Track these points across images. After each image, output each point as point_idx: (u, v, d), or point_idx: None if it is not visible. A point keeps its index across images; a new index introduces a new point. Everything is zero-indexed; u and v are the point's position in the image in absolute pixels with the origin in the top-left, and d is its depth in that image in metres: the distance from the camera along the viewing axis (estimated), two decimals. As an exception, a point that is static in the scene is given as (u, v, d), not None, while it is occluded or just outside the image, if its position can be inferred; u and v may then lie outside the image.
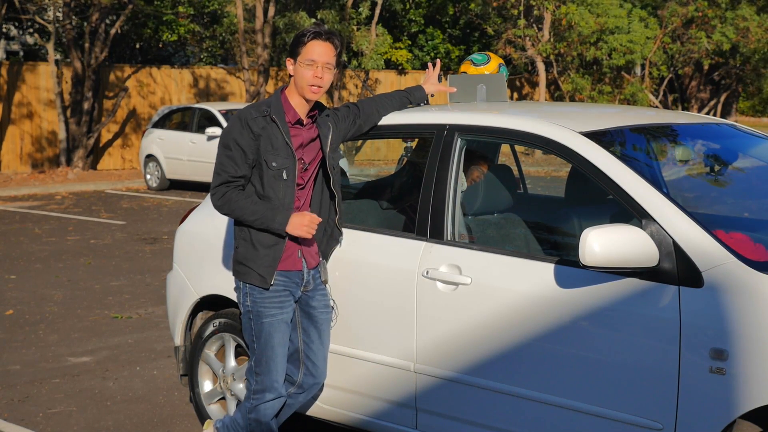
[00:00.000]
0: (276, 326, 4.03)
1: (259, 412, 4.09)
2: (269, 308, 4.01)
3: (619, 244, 3.36)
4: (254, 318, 4.03)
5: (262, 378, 4.06)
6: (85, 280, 9.19)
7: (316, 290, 4.15)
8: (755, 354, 3.20)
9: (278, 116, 3.92)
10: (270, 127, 3.91)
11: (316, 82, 3.90)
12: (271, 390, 4.06)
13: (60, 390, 5.83)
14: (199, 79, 23.73)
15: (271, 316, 4.02)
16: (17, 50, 29.49)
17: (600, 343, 3.55)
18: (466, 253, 3.97)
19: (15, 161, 21.06)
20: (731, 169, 4.82)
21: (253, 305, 4.02)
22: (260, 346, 4.04)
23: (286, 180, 3.93)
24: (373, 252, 4.23)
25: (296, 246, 4.05)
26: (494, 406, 3.86)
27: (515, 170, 5.02)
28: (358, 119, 4.28)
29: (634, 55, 23.90)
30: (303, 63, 3.90)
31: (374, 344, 4.19)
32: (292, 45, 3.96)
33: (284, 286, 4.03)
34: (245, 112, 3.94)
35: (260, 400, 4.08)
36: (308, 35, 3.91)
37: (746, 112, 38.11)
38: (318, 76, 3.90)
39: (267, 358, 4.04)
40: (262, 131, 3.90)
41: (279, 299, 4.02)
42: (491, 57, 5.04)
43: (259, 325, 4.03)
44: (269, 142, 3.90)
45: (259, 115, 3.92)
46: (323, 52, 3.91)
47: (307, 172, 4.04)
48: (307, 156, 4.02)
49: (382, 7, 24.99)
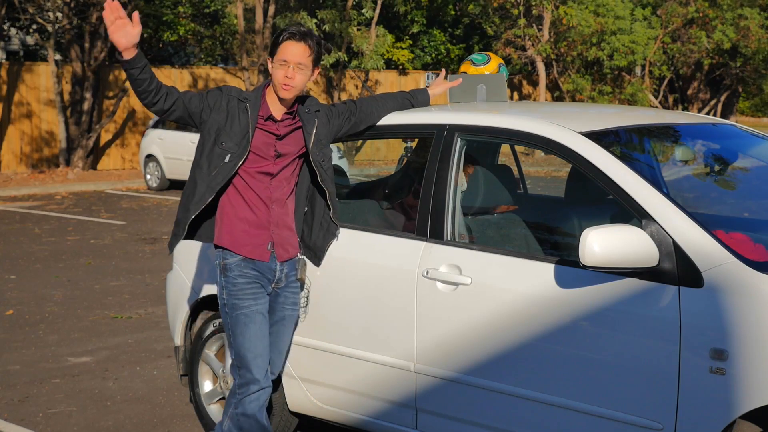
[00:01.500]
0: (251, 317, 4.03)
1: (244, 406, 4.06)
2: (243, 300, 4.03)
3: (619, 245, 3.36)
4: (229, 311, 4.04)
5: (244, 371, 4.05)
6: (85, 280, 9.19)
7: (287, 287, 4.16)
8: (755, 354, 3.20)
9: (252, 109, 4.01)
10: (241, 112, 3.99)
11: (286, 82, 3.96)
12: (254, 382, 4.04)
13: (60, 390, 5.83)
14: (199, 79, 23.74)
15: (245, 308, 4.03)
16: (17, 50, 29.49)
17: (600, 343, 3.55)
18: (466, 253, 3.97)
19: (15, 161, 21.06)
20: (731, 169, 4.82)
21: (228, 297, 4.04)
22: (237, 339, 4.04)
23: (226, 163, 3.97)
24: (373, 252, 4.23)
25: (267, 237, 4.05)
26: (494, 406, 3.86)
27: (515, 170, 5.02)
28: (354, 117, 4.30)
29: (636, 55, 23.91)
30: (276, 62, 3.97)
31: (374, 344, 4.19)
32: (271, 44, 4.05)
33: (255, 278, 4.04)
34: (228, 88, 4.07)
35: (244, 394, 4.06)
36: (283, 36, 3.99)
37: (746, 112, 38.12)
38: (288, 76, 3.96)
39: (245, 351, 4.03)
40: (231, 109, 3.99)
41: (252, 290, 4.04)
42: (491, 57, 5.04)
43: (234, 318, 4.03)
44: (231, 122, 3.98)
45: (237, 98, 4.02)
46: (296, 53, 3.96)
47: (280, 161, 4.05)
48: (284, 147, 4.05)
49: (384, 8, 24.98)
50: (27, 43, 27.85)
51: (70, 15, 20.56)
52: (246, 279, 4.03)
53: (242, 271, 4.02)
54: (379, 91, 25.57)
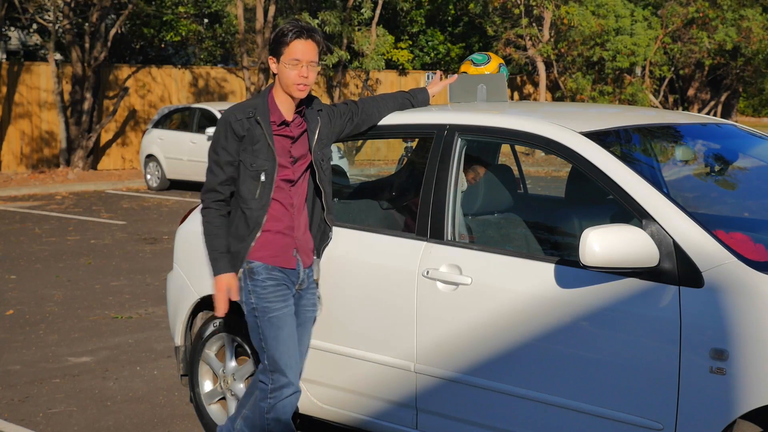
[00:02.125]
0: (283, 320, 3.99)
1: (278, 411, 4.02)
2: (274, 302, 3.97)
3: (619, 245, 3.35)
4: (260, 314, 3.97)
5: (278, 375, 3.99)
6: (85, 280, 9.19)
7: (308, 289, 4.15)
8: (755, 354, 3.20)
9: (263, 118, 3.93)
10: (254, 128, 3.92)
11: (301, 81, 3.91)
12: (289, 385, 4.01)
13: (60, 390, 5.83)
14: (200, 79, 23.73)
15: (277, 311, 3.98)
16: (17, 50, 29.48)
17: (600, 343, 3.55)
18: (467, 253, 3.96)
19: (15, 161, 21.07)
20: (731, 169, 4.82)
21: (258, 301, 3.97)
22: (271, 343, 3.97)
23: (264, 181, 3.93)
24: (373, 252, 4.22)
25: (292, 244, 4.04)
26: (494, 406, 3.85)
27: (515, 170, 5.02)
28: (356, 117, 4.27)
29: (638, 57, 23.92)
30: (287, 63, 3.90)
31: (374, 344, 4.19)
32: (273, 43, 3.94)
33: (282, 280, 4.01)
34: (230, 113, 3.95)
35: (278, 398, 4.00)
36: (290, 34, 3.89)
37: (746, 112, 38.11)
38: (303, 75, 3.91)
39: (279, 354, 3.98)
40: (246, 132, 3.91)
41: (281, 293, 3.99)
42: (491, 57, 5.04)
43: (266, 321, 3.97)
44: (250, 143, 3.92)
45: (243, 116, 3.92)
46: (307, 51, 3.91)
47: (298, 166, 4.03)
48: (296, 150, 4.02)
49: (384, 8, 24.98)
50: (27, 43, 27.85)
51: (71, 15, 20.56)
52: (274, 281, 3.98)
53: (270, 274, 3.97)
54: (379, 91, 25.57)
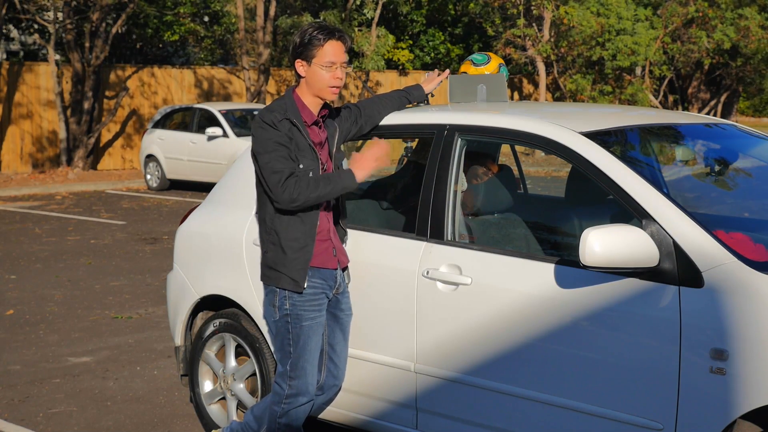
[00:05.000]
0: (314, 329, 3.96)
1: (290, 417, 4.02)
2: (309, 311, 3.94)
3: (619, 245, 3.35)
4: (293, 321, 3.93)
5: (297, 382, 3.98)
6: (85, 280, 9.19)
7: (344, 293, 4.11)
8: (755, 354, 3.20)
9: (297, 118, 3.87)
10: (293, 130, 3.85)
11: (336, 83, 3.88)
12: (305, 393, 4.00)
13: (60, 390, 5.83)
14: (200, 79, 23.73)
15: (310, 320, 3.94)
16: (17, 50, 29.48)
17: (600, 343, 3.55)
18: (467, 253, 3.96)
19: (15, 161, 21.07)
20: (731, 169, 4.82)
21: (293, 308, 3.92)
22: (298, 350, 3.95)
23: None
24: (373, 252, 4.22)
25: (330, 244, 4.00)
26: (494, 406, 3.85)
27: (515, 170, 5.02)
28: (360, 119, 4.26)
29: (638, 56, 23.91)
30: (321, 65, 3.84)
31: (374, 344, 4.19)
32: (302, 46, 3.86)
33: (321, 288, 3.96)
34: (269, 116, 3.83)
35: (293, 405, 4.00)
36: (323, 36, 3.84)
37: (746, 113, 38.11)
38: (338, 77, 3.88)
39: (304, 362, 3.96)
40: (289, 132, 3.84)
41: (318, 302, 3.96)
42: (491, 57, 5.04)
43: (298, 329, 3.93)
44: (296, 144, 3.84)
45: (282, 118, 3.84)
46: (340, 52, 3.88)
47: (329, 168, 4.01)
48: (323, 156, 3.99)
49: (384, 8, 24.98)
50: (27, 43, 27.86)
51: (71, 14, 20.56)
52: (314, 289, 3.94)
53: (310, 281, 3.93)
54: (379, 91, 25.57)
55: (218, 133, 16.72)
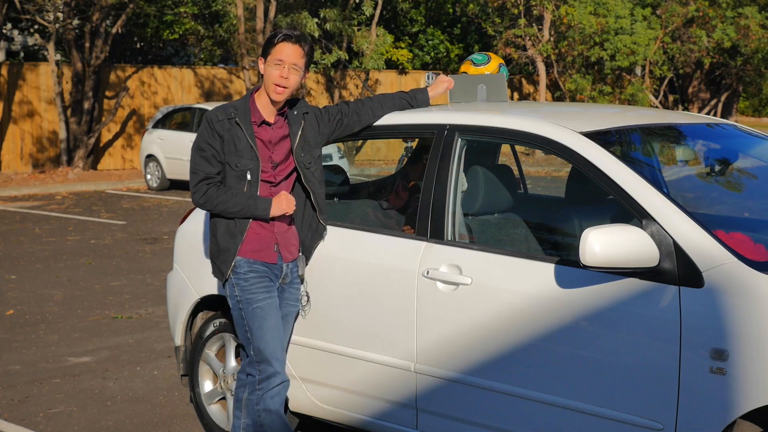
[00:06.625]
0: (267, 310, 4.06)
1: (266, 402, 4.06)
2: (258, 293, 4.06)
3: (619, 245, 3.35)
4: (245, 306, 4.06)
5: (264, 365, 4.05)
6: (85, 280, 9.19)
7: (291, 283, 4.22)
8: (755, 354, 3.20)
9: (243, 118, 4.03)
10: (234, 129, 4.02)
11: (281, 82, 4.00)
12: (275, 375, 4.05)
13: (60, 390, 5.83)
14: (201, 79, 23.73)
15: (260, 301, 4.06)
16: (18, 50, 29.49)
17: (600, 344, 3.55)
18: (467, 253, 3.97)
19: (15, 161, 21.07)
20: (731, 169, 4.82)
21: (242, 293, 4.06)
22: (256, 334, 4.05)
23: (250, 180, 4.03)
24: (373, 252, 4.23)
25: (272, 239, 4.11)
26: (495, 406, 3.85)
27: (515, 170, 5.02)
28: (346, 118, 4.30)
29: (637, 56, 23.91)
30: (271, 62, 4.01)
31: (375, 344, 4.19)
32: (264, 45, 4.08)
33: (264, 273, 4.09)
34: (212, 114, 4.07)
35: (266, 388, 4.06)
36: (279, 36, 4.03)
37: (746, 112, 38.11)
38: (284, 76, 4.00)
39: (264, 344, 4.04)
40: (226, 133, 4.02)
41: (264, 284, 4.08)
42: (491, 57, 5.04)
43: (250, 312, 4.05)
44: (233, 144, 4.01)
45: (225, 117, 4.03)
46: (291, 53, 4.02)
47: (280, 170, 4.11)
48: (277, 155, 4.09)
49: (383, 7, 24.98)
50: (28, 43, 27.86)
51: (71, 15, 20.56)
52: (256, 273, 4.07)
53: (251, 267, 4.07)
54: (379, 91, 25.56)
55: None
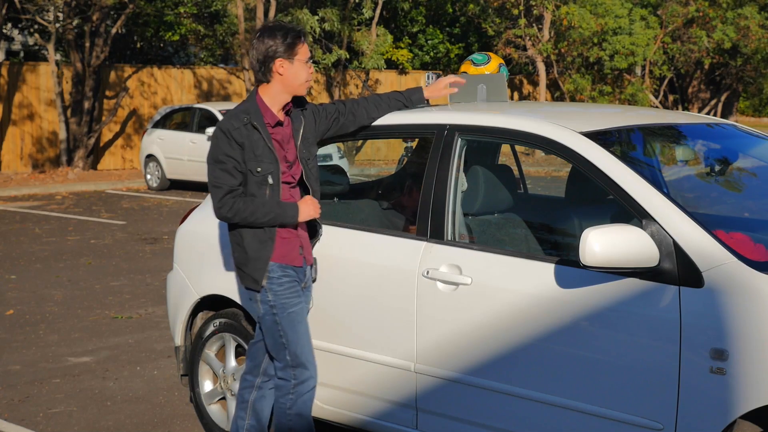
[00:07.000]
0: (301, 314, 4.06)
1: (299, 406, 4.08)
2: (292, 298, 4.04)
3: (619, 245, 3.35)
4: (279, 311, 4.01)
5: (300, 370, 4.05)
6: (85, 280, 9.19)
7: (308, 287, 4.21)
8: (755, 354, 3.20)
9: (258, 122, 3.98)
10: (252, 134, 3.96)
11: (311, 78, 4.04)
12: (310, 378, 4.08)
13: (60, 390, 5.83)
14: (201, 79, 23.73)
15: (294, 306, 4.04)
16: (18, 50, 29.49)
17: (600, 344, 3.55)
18: (467, 253, 3.97)
19: (15, 161, 21.07)
20: (731, 169, 4.82)
21: (276, 298, 4.01)
22: (292, 338, 4.03)
23: (272, 184, 3.98)
24: (373, 252, 4.22)
25: (297, 243, 4.08)
26: (495, 406, 3.85)
27: (515, 170, 5.02)
28: (342, 117, 4.29)
29: (636, 57, 23.90)
30: (302, 61, 3.99)
31: (374, 344, 4.19)
32: (285, 45, 3.96)
33: (294, 278, 4.06)
34: (227, 123, 3.97)
35: (301, 393, 4.06)
36: (302, 36, 4.01)
37: (746, 112, 38.12)
38: (312, 72, 4.05)
39: (301, 348, 4.04)
40: (246, 140, 3.95)
41: (295, 289, 4.06)
42: (491, 57, 5.04)
43: (285, 317, 4.02)
44: (252, 150, 3.95)
45: (240, 124, 3.95)
46: (308, 50, 4.08)
47: (295, 170, 4.09)
48: (290, 154, 4.08)
49: (383, 7, 24.97)
50: (28, 43, 27.86)
51: (71, 15, 20.56)
52: (289, 278, 4.04)
53: (284, 271, 4.03)
54: (379, 90, 25.56)
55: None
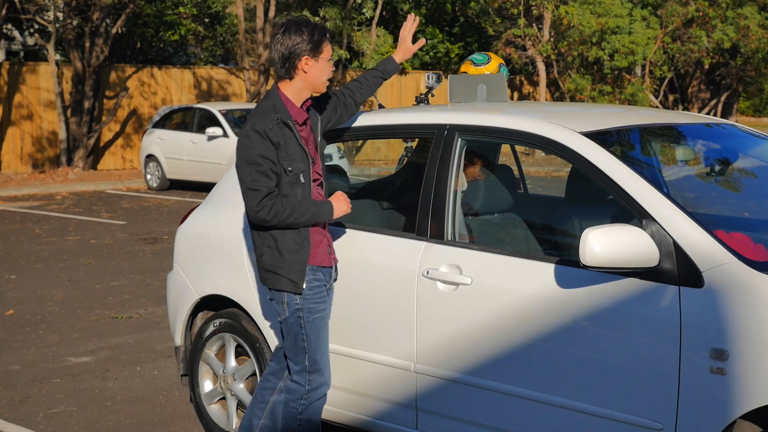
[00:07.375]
0: (325, 320, 4.03)
1: (310, 412, 4.06)
2: (318, 303, 3.99)
3: (619, 245, 3.35)
4: (305, 315, 3.96)
5: (316, 376, 4.02)
6: (85, 280, 9.19)
7: (332, 288, 4.16)
8: (755, 354, 3.20)
9: (289, 120, 3.92)
10: (284, 133, 3.89)
11: (331, 76, 4.03)
12: (324, 385, 4.06)
13: (60, 390, 5.83)
14: (200, 80, 23.73)
15: (321, 311, 4.00)
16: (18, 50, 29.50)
17: (600, 344, 3.55)
18: (467, 253, 3.96)
19: (15, 161, 21.07)
20: (732, 169, 4.82)
21: (304, 302, 3.95)
22: (314, 343, 3.99)
23: (303, 183, 3.92)
24: (373, 252, 4.23)
25: (327, 241, 4.05)
26: (494, 406, 3.85)
27: (515, 170, 5.02)
28: (339, 108, 4.28)
29: (636, 56, 23.90)
30: (326, 60, 3.98)
31: (375, 344, 4.19)
32: (312, 43, 3.91)
33: (323, 282, 4.02)
34: (261, 124, 3.86)
35: (313, 399, 4.04)
36: (327, 33, 3.99)
37: (746, 113, 38.11)
38: (333, 70, 4.06)
39: (321, 354, 4.02)
40: (281, 139, 3.87)
41: (323, 294, 4.02)
42: (491, 57, 5.04)
43: (311, 322, 3.97)
44: (285, 150, 3.88)
45: (273, 124, 3.87)
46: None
47: (318, 165, 4.06)
48: (312, 150, 4.04)
49: (383, 7, 24.97)
50: (28, 43, 27.86)
51: (71, 14, 20.56)
52: (318, 282, 4.00)
53: (315, 275, 3.98)
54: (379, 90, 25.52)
55: (218, 133, 16.73)
